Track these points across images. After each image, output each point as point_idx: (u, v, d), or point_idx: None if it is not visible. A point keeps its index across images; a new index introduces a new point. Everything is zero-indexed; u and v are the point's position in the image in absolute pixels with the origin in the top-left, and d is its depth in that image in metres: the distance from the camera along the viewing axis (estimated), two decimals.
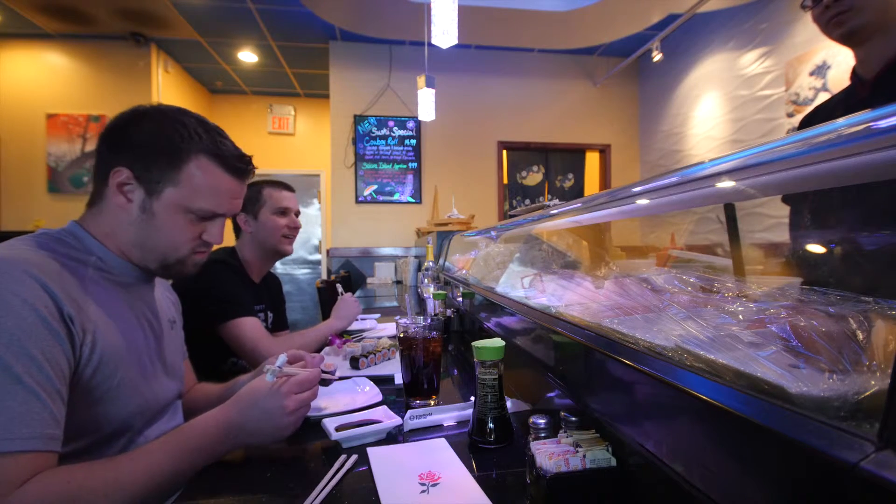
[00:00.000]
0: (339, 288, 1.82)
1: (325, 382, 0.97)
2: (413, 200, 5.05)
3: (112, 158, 0.80)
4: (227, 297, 1.48)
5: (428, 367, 1.00)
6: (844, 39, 1.09)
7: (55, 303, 0.67)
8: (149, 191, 0.80)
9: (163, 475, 0.67)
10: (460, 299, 1.85)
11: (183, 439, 0.72)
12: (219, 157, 0.84)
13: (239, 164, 0.87)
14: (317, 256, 6.46)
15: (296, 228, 1.71)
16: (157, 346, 0.90)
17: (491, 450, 0.77)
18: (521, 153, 5.33)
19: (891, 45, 1.03)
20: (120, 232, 0.82)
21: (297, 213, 1.75)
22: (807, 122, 1.36)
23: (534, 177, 5.36)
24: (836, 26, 1.06)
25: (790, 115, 3.40)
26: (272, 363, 0.80)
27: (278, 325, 1.87)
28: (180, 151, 0.81)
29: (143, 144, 0.80)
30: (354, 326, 1.94)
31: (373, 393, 1.06)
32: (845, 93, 1.24)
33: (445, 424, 0.89)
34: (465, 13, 2.86)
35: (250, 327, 1.46)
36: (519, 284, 1.27)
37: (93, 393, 0.72)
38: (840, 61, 3.00)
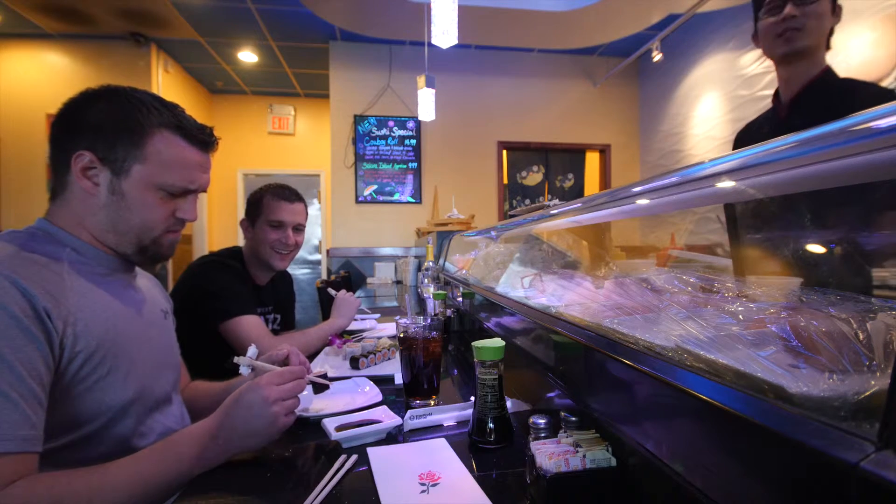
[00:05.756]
0: (332, 291, 1.81)
1: (320, 388, 0.97)
2: (413, 200, 5.05)
3: (70, 144, 0.78)
4: (226, 295, 1.48)
5: (428, 367, 1.00)
6: (784, 58, 1.17)
7: (27, 299, 0.65)
8: (115, 171, 0.78)
9: (149, 482, 0.67)
10: (460, 299, 1.85)
11: (171, 446, 0.71)
12: (181, 130, 0.83)
13: (201, 135, 0.85)
14: (317, 256, 6.46)
15: (289, 245, 1.61)
16: (149, 334, 0.88)
17: (491, 450, 0.77)
18: (521, 153, 5.33)
19: (812, 68, 1.14)
20: (91, 219, 0.80)
21: (299, 227, 1.64)
22: (738, 141, 1.43)
23: (534, 177, 5.36)
24: (785, 42, 1.13)
25: None
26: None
27: (286, 326, 1.84)
28: (142, 127, 0.79)
29: (101, 124, 0.78)
30: (355, 326, 1.94)
31: (373, 393, 1.06)
32: (771, 112, 1.32)
33: (445, 424, 0.89)
34: (465, 13, 2.85)
35: (249, 326, 1.46)
36: (519, 284, 1.27)
37: (84, 382, 0.72)
38: (838, 62, 2.99)
